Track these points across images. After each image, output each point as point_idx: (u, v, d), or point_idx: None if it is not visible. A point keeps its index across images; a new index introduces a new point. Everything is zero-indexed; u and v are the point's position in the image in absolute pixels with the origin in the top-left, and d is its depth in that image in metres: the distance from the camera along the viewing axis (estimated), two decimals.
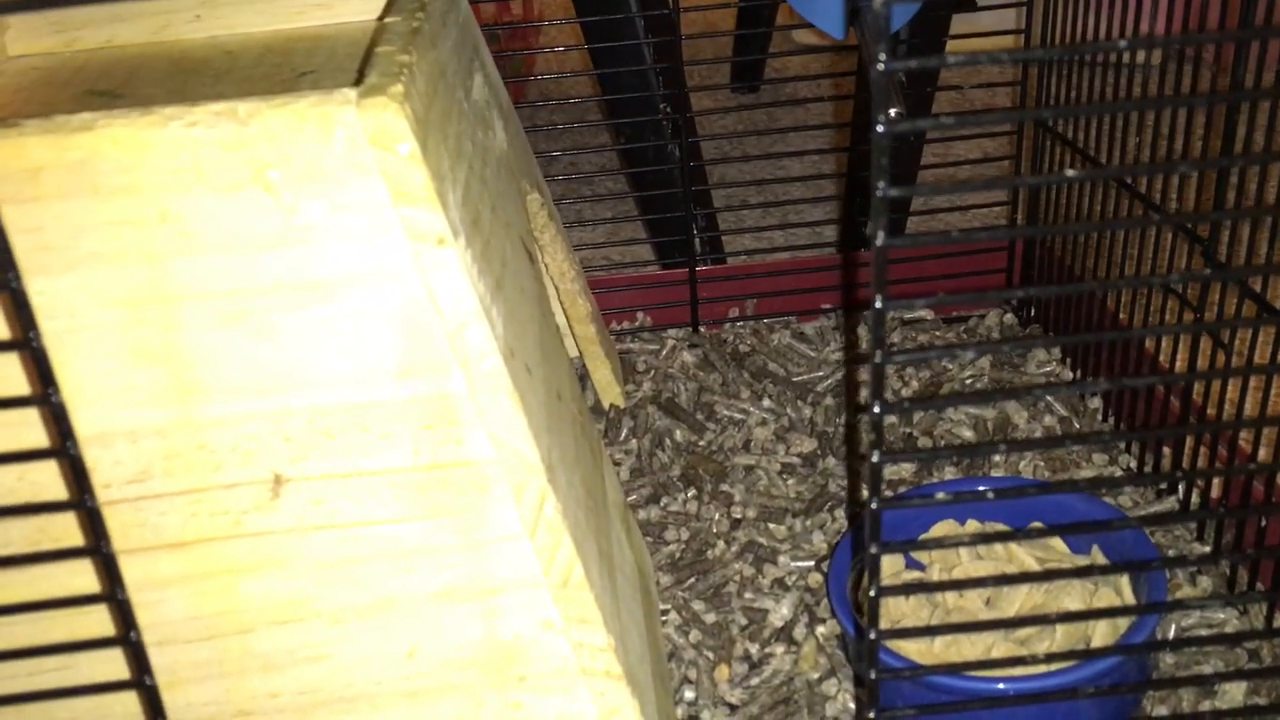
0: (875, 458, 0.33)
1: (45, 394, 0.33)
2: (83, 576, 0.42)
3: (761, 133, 0.96)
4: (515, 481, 0.43)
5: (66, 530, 0.42)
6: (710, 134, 1.31)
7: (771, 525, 0.72)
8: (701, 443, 0.82)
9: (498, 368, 0.42)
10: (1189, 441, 0.71)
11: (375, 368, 0.42)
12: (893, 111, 0.68)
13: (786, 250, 1.12)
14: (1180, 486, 0.70)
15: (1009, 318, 0.93)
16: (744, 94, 1.58)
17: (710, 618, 0.65)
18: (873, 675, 0.38)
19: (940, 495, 0.37)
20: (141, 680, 0.37)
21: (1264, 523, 0.62)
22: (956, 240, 0.31)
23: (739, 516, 0.73)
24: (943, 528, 0.64)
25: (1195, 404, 0.69)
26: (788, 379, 0.88)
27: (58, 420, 0.34)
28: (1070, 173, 0.32)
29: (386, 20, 0.49)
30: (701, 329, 0.96)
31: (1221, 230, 0.64)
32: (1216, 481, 0.67)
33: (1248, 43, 0.59)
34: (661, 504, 0.75)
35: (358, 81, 0.41)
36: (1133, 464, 0.74)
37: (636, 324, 0.97)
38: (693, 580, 0.68)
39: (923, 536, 0.64)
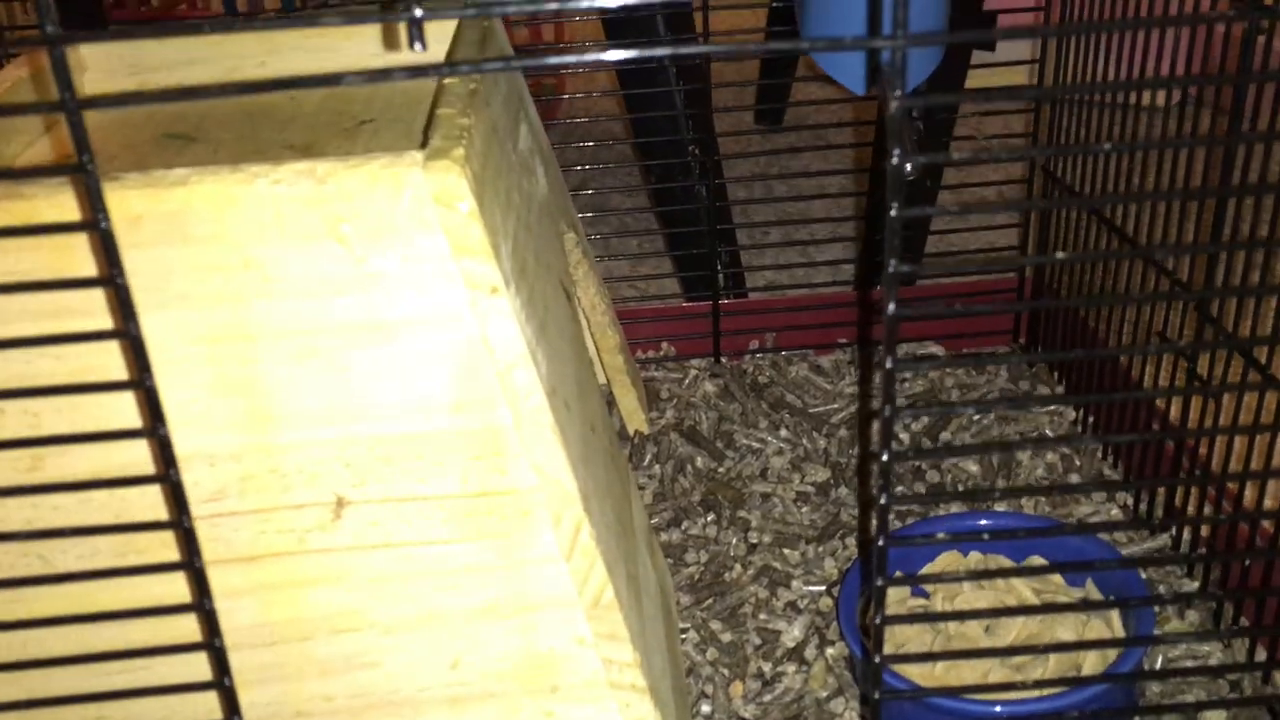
0: (883, 500, 0.37)
1: (154, 427, 0.36)
2: (162, 586, 0.46)
3: (784, 176, 0.99)
4: (554, 509, 0.47)
5: (149, 544, 0.46)
6: (736, 175, 1.35)
7: (786, 550, 0.75)
8: (721, 469, 0.85)
9: (541, 405, 0.46)
10: (1180, 484, 0.74)
11: (431, 402, 0.45)
12: (908, 167, 0.71)
13: (806, 286, 1.15)
14: (1172, 526, 0.73)
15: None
16: (767, 129, 1.62)
17: (726, 637, 0.68)
18: (877, 696, 0.41)
19: (941, 535, 0.40)
20: (222, 681, 0.41)
21: (1248, 564, 0.65)
22: (960, 313, 0.34)
23: (755, 541, 0.76)
24: (947, 559, 0.67)
25: (1187, 446, 0.72)
26: (804, 410, 0.92)
27: (163, 449, 0.37)
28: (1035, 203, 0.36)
29: (445, 81, 0.53)
30: (723, 360, 1.00)
31: (1216, 273, 0.67)
32: (1194, 499, 0.70)
33: (1246, 86, 0.61)
34: (683, 527, 0.79)
35: (422, 144, 0.45)
36: (1129, 500, 0.78)
37: (661, 353, 1.01)
38: (711, 601, 0.71)
39: (927, 567, 0.67)
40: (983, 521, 0.68)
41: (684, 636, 0.69)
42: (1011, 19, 1.14)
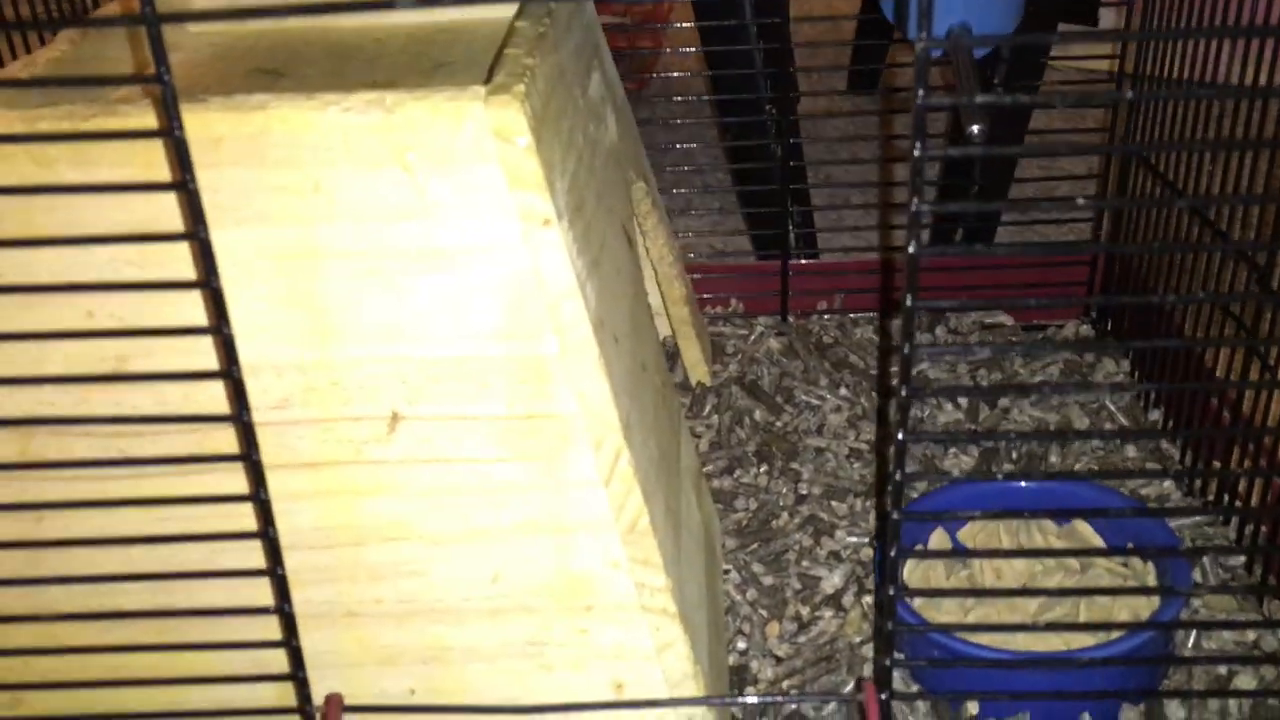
0: (898, 476, 0.37)
1: (219, 326, 0.39)
2: (230, 484, 0.49)
3: (868, 137, 0.99)
4: (595, 436, 0.49)
5: (217, 445, 0.49)
6: (822, 136, 1.35)
7: (834, 503, 0.76)
8: (778, 423, 0.86)
9: (587, 337, 0.48)
10: (1236, 453, 0.73)
11: (482, 328, 0.47)
12: (975, 129, 0.71)
13: (880, 249, 1.15)
14: (1223, 495, 0.72)
15: (1085, 329, 0.96)
16: (859, 95, 1.61)
17: (768, 580, 0.70)
18: (890, 627, 0.42)
19: (940, 543, 0.41)
20: (274, 570, 0.43)
21: None
22: (980, 253, 0.35)
23: (805, 493, 0.78)
24: (984, 520, 0.67)
25: (1244, 416, 0.71)
26: (865, 370, 0.92)
27: (227, 348, 0.40)
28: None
29: (516, 24, 0.55)
30: (790, 319, 1.00)
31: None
32: (1257, 490, 0.69)
33: None
34: (735, 475, 0.80)
35: (487, 79, 0.47)
36: (1183, 475, 0.77)
37: (729, 309, 1.02)
38: (755, 546, 0.73)
39: (967, 528, 0.67)
40: (1022, 484, 0.68)
41: (726, 577, 0.70)
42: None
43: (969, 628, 0.48)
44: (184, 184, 0.39)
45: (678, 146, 1.31)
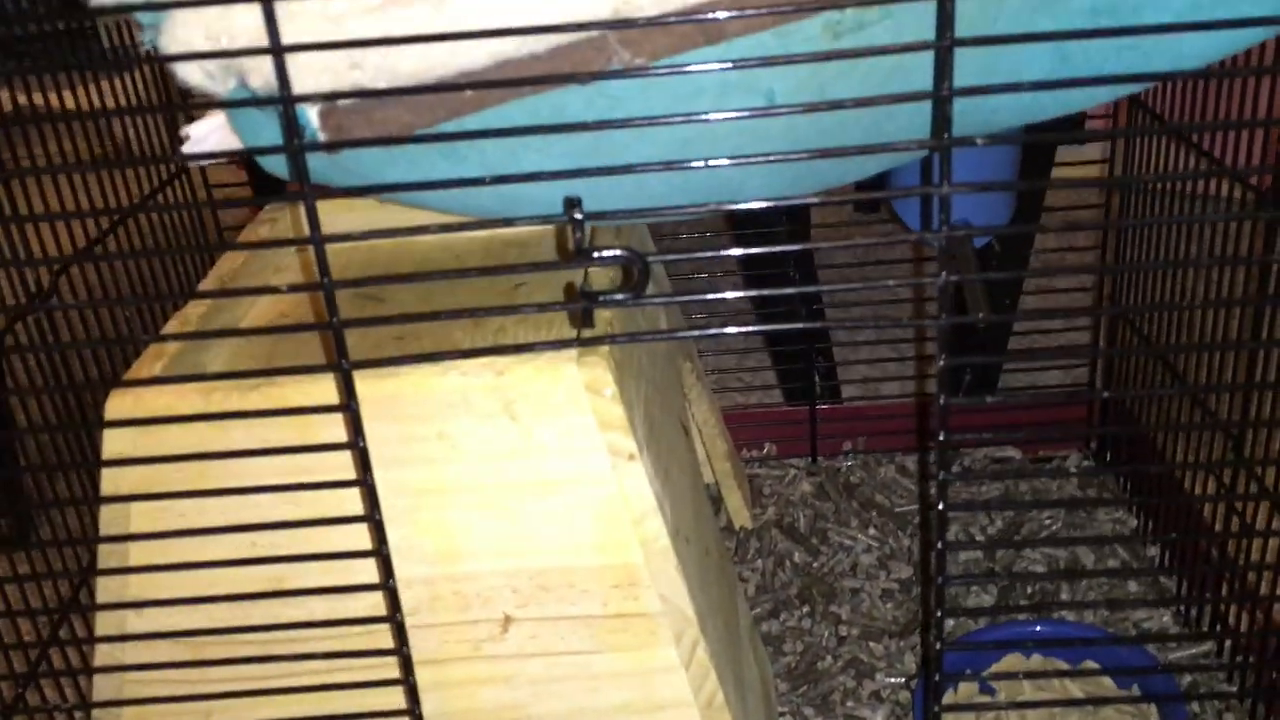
0: (938, 646, 0.45)
1: (379, 549, 0.47)
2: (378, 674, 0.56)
3: (881, 262, 1.07)
4: (675, 629, 0.56)
5: (361, 642, 0.57)
6: (834, 264, 1.43)
7: (871, 644, 0.83)
8: (815, 564, 0.94)
9: (667, 547, 0.56)
10: (1226, 592, 0.80)
11: (580, 543, 0.55)
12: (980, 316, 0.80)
13: (897, 379, 1.23)
14: (1215, 635, 0.79)
15: (1087, 463, 1.03)
16: (864, 214, 1.69)
17: None
18: None
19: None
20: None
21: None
22: (1002, 403, 0.43)
23: (844, 634, 0.85)
24: (1011, 660, 0.75)
25: (1230, 560, 0.78)
26: (890, 509, 1.00)
27: (386, 566, 0.48)
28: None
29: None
30: (819, 459, 1.08)
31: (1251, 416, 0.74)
32: (1245, 626, 0.76)
33: None
34: (781, 619, 0.87)
35: (578, 334, 0.56)
36: (1181, 609, 0.84)
37: (764, 452, 1.10)
38: (805, 688, 0.80)
39: (993, 666, 0.75)
40: (1038, 628, 0.75)
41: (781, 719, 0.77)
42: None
43: None
44: (355, 444, 0.48)
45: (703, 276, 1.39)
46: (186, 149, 0.53)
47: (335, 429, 0.53)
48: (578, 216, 0.41)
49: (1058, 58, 0.51)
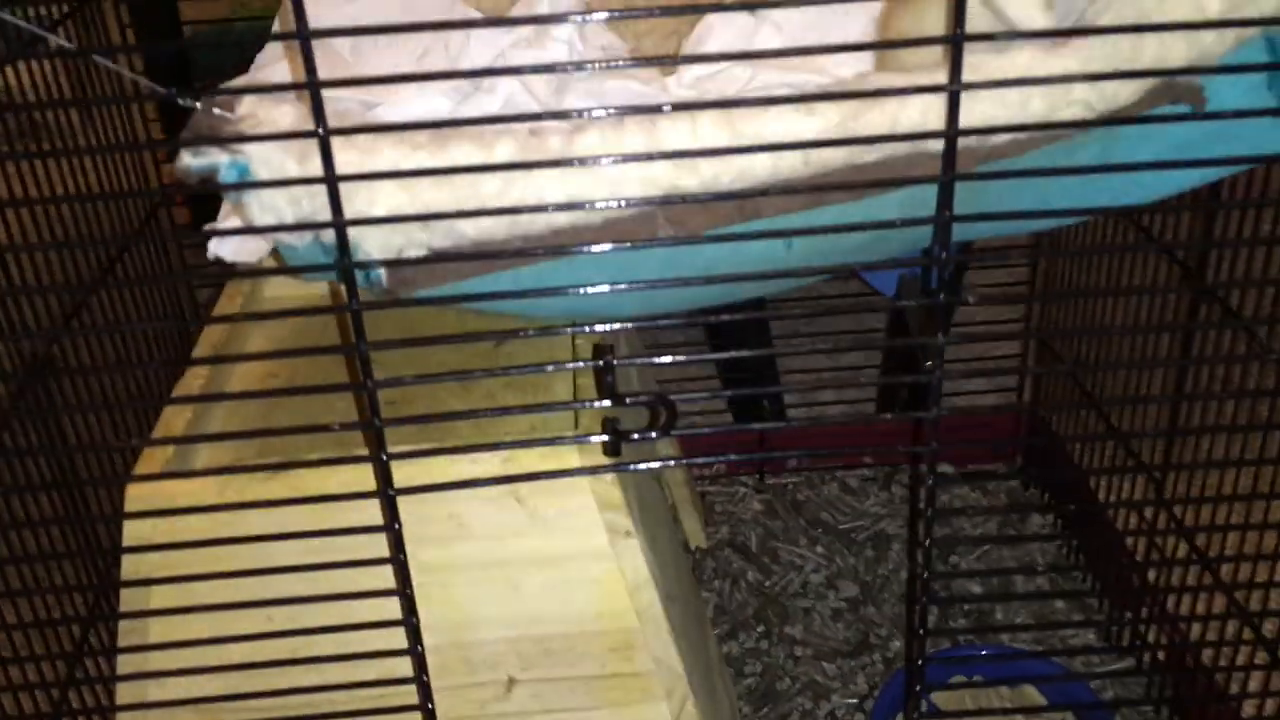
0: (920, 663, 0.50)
1: (409, 619, 0.51)
2: None
3: (816, 334, 1.13)
4: (667, 686, 0.61)
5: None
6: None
7: (825, 664, 0.89)
8: (768, 583, 0.99)
9: (659, 613, 0.60)
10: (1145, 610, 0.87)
11: (582, 612, 0.60)
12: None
13: (837, 405, 1.29)
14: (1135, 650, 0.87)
15: (1013, 482, 1.11)
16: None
17: None
18: None
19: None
20: None
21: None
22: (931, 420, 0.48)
23: (799, 655, 0.91)
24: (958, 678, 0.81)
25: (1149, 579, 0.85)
26: (834, 526, 1.06)
27: (414, 634, 0.52)
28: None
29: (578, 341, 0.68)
30: (766, 478, 1.14)
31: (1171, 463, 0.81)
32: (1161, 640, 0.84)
33: None
34: (740, 639, 0.93)
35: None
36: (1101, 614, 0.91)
37: (714, 471, 1.15)
38: (766, 709, 0.85)
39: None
40: (984, 652, 0.82)
41: None
42: None
43: None
44: (390, 526, 0.51)
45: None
46: (212, 248, 0.55)
47: (358, 511, 0.56)
48: (612, 362, 0.45)
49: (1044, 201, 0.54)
